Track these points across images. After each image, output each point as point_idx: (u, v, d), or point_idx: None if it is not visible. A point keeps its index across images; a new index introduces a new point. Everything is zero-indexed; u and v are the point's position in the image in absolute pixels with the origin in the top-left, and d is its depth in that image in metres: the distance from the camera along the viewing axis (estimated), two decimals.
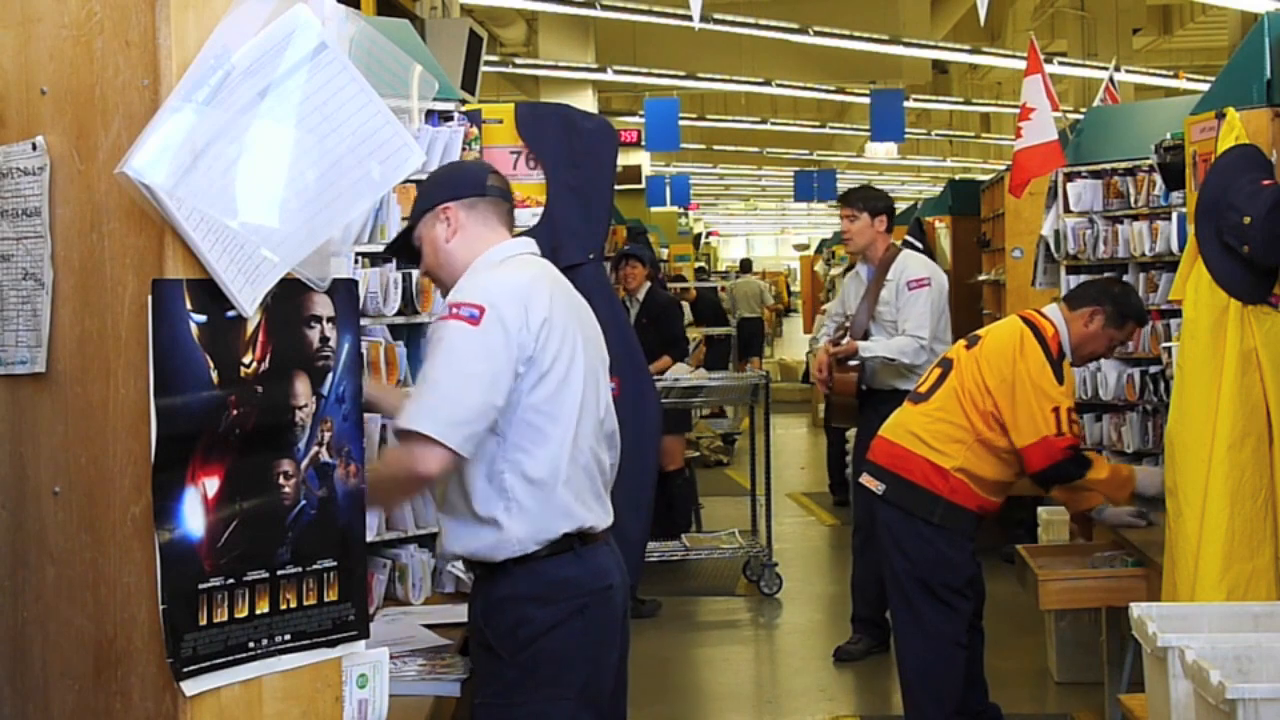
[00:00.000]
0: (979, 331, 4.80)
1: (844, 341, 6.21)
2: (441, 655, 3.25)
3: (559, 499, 2.89)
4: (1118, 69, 10.79)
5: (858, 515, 6.41)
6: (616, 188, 4.83)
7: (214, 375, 1.95)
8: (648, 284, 8.90)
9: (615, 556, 3.04)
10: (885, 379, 6.16)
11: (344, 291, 2.13)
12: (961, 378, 4.57)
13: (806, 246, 39.33)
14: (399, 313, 3.93)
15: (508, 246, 3.03)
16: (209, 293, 1.94)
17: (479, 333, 2.81)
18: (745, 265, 25.78)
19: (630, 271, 8.86)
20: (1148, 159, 5.49)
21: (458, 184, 3.04)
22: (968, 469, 4.51)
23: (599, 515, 2.99)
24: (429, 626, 3.47)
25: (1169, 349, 4.47)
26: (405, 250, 3.13)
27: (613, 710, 3.11)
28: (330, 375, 2.10)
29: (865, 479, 4.76)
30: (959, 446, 4.51)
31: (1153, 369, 5.61)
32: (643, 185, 22.03)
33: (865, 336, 6.21)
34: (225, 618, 1.97)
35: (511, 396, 2.85)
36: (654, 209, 23.46)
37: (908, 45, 15.56)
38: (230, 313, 1.96)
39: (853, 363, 6.14)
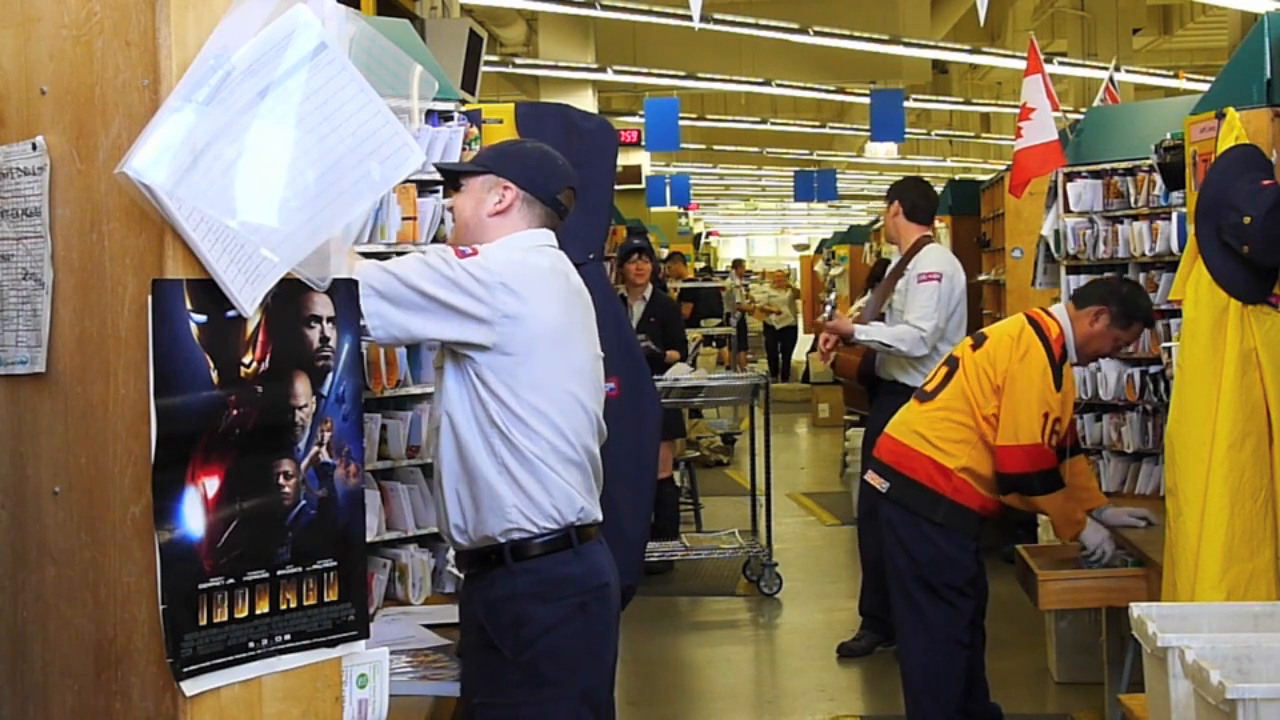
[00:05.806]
0: (985, 330, 4.79)
1: (837, 317, 6.23)
2: (441, 655, 3.25)
3: (556, 483, 2.90)
4: (1118, 69, 10.77)
5: (861, 511, 6.40)
6: (616, 188, 4.83)
7: (214, 375, 1.95)
8: (650, 286, 8.87)
9: (609, 555, 3.07)
10: (889, 370, 6.16)
11: (344, 291, 2.13)
12: (967, 378, 4.56)
13: (806, 246, 39.26)
14: None
15: (535, 235, 3.06)
16: (209, 293, 1.94)
17: (460, 263, 2.84)
18: None
19: (640, 267, 8.77)
20: (1148, 159, 5.48)
21: (535, 177, 3.06)
22: (971, 469, 4.51)
23: (593, 506, 3.01)
24: (429, 626, 3.47)
25: (1169, 349, 4.46)
26: (450, 176, 3.17)
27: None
28: (330, 375, 2.10)
29: (870, 476, 4.76)
30: (963, 446, 4.51)
31: (1153, 369, 5.60)
32: (643, 185, 22.01)
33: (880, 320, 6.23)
34: (225, 618, 1.97)
35: (497, 378, 2.85)
36: (654, 209, 23.44)
37: (908, 45, 15.55)
38: (230, 313, 1.96)
39: (853, 343, 6.16)
